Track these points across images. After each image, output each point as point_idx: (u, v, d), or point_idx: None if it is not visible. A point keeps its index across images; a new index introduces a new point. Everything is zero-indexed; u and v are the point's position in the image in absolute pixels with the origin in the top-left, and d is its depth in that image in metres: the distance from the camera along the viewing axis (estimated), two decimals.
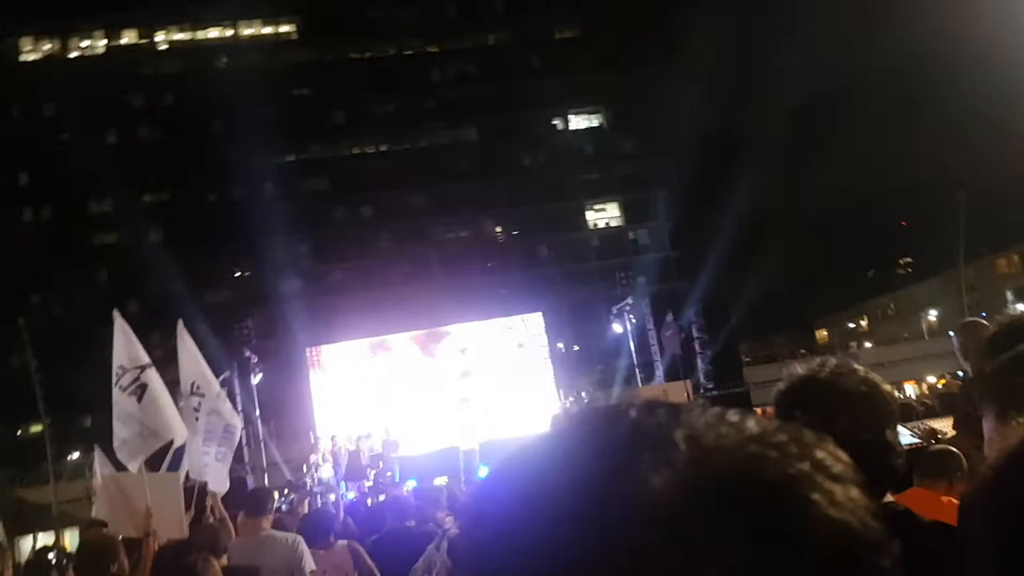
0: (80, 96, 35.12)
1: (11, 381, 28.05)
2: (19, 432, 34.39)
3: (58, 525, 20.41)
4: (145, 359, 7.09)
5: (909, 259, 51.44)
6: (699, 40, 30.09)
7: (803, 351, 40.68)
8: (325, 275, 35.93)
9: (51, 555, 6.93)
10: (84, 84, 35.35)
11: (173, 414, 7.11)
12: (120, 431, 6.93)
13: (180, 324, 8.72)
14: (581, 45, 40.21)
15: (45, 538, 20.89)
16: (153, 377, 7.09)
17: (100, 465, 9.66)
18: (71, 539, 15.88)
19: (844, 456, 0.49)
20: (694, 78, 30.42)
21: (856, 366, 1.81)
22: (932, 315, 43.56)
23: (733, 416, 0.49)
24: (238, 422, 8.54)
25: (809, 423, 0.51)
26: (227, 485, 7.75)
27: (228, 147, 33.90)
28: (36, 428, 29.05)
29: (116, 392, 6.96)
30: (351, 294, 33.39)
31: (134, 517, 6.19)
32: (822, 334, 54.97)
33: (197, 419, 8.02)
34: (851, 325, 54.07)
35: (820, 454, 0.48)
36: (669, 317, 22.16)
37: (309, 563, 5.38)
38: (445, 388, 22.00)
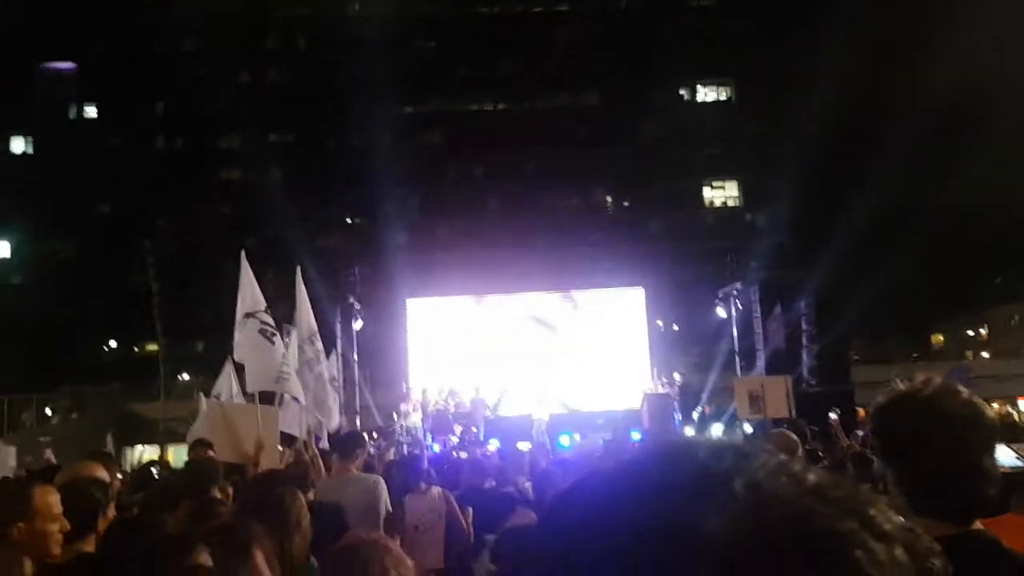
0: (218, 35, 36.39)
1: (133, 301, 29.65)
2: (135, 350, 36.49)
3: (164, 440, 21.59)
4: (263, 303, 7.37)
5: None
6: (842, 23, 28.58)
7: (916, 355, 38.84)
8: (432, 230, 36.39)
9: (154, 469, 7.27)
10: (222, 23, 36.55)
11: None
12: (253, 364, 7.26)
13: (298, 272, 8.96)
14: (717, 15, 38.87)
15: (150, 451, 22.16)
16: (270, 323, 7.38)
17: (228, 382, 10.10)
18: (174, 454, 16.76)
19: (895, 517, 0.50)
20: (832, 62, 28.96)
21: (960, 387, 1.76)
22: None
23: (796, 466, 0.51)
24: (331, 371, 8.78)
25: (905, 441, 0.52)
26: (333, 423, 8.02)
27: (351, 94, 34.55)
28: (151, 347, 30.70)
29: (249, 327, 7.27)
30: (455, 251, 33.68)
31: (238, 444, 6.51)
32: (938, 339, 52.39)
33: (312, 370, 8.29)
34: (970, 333, 51.28)
35: (871, 511, 0.49)
36: (777, 308, 21.46)
37: (386, 503, 5.65)
38: (537, 353, 22.04)
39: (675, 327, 32.49)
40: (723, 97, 41.40)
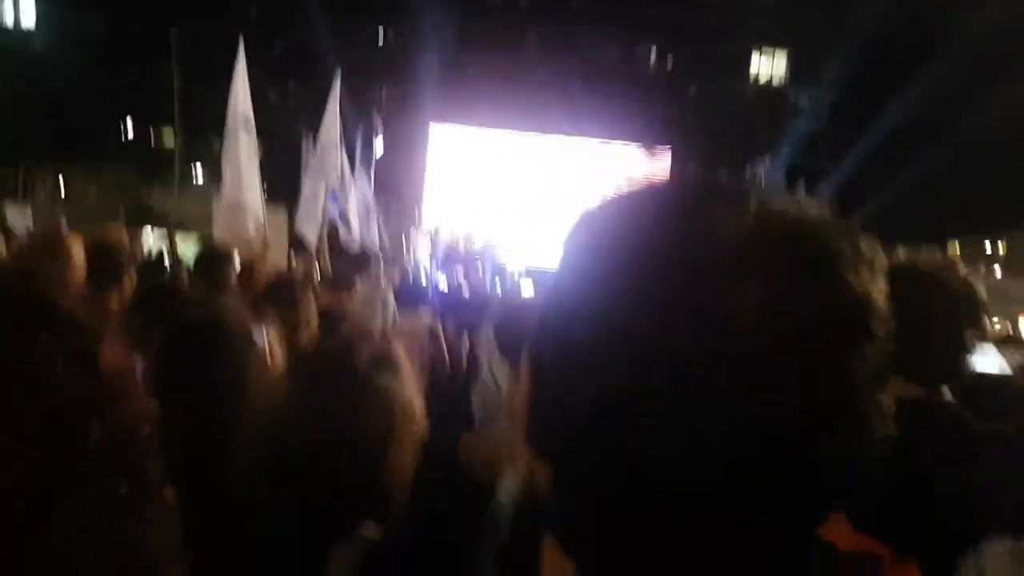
0: None
1: (157, 90, 29.19)
2: (152, 138, 36.27)
3: (174, 228, 21.79)
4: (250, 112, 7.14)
5: None
6: None
7: None
8: (466, 58, 35.23)
9: (165, 258, 7.39)
10: None
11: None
12: (246, 182, 7.13)
13: (337, 74, 8.62)
14: None
15: (159, 235, 22.38)
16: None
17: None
18: (182, 244, 16.95)
19: (883, 255, 0.61)
20: None
21: (959, 264, 1.87)
22: None
23: (806, 200, 0.61)
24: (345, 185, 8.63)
25: (900, 304, 0.61)
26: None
27: None
28: (169, 140, 30.50)
29: (241, 136, 7.10)
30: (487, 82, 32.79)
31: (248, 241, 6.55)
32: (953, 247, 52.16)
33: (339, 176, 8.16)
34: (988, 249, 50.96)
35: (864, 245, 0.60)
36: (801, 189, 21.23)
37: (392, 305, 6.05)
38: (552, 200, 21.94)
39: None
40: None
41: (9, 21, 38.50)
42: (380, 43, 37.55)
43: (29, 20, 38.51)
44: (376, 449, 1.45)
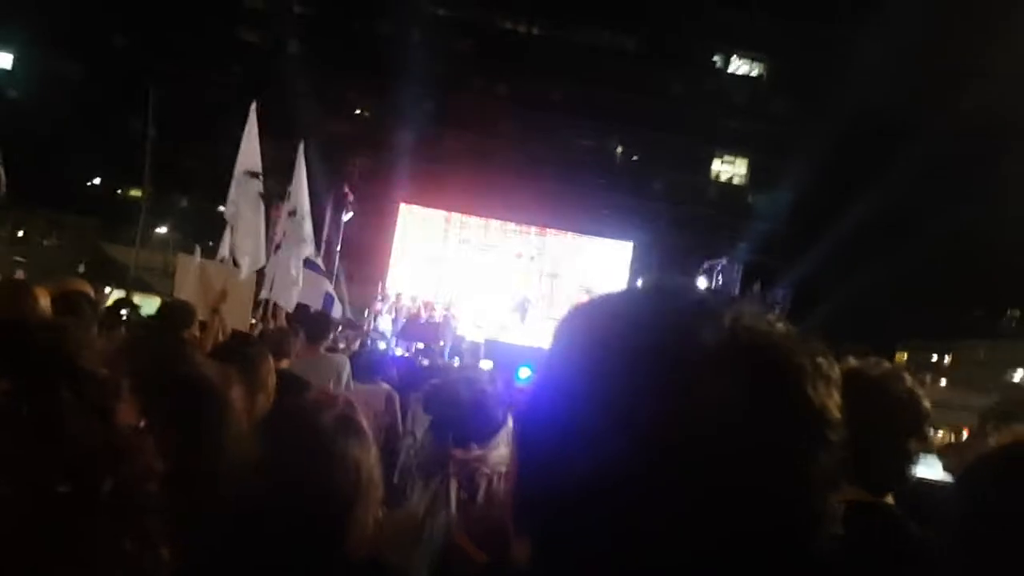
0: None
1: (127, 143, 29.13)
2: (119, 192, 36.02)
3: (133, 287, 21.51)
4: (260, 167, 7.24)
5: (1020, 312, 48.77)
6: (892, 23, 27.92)
7: None
8: (440, 138, 35.88)
9: (123, 311, 7.25)
10: None
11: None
12: (246, 226, 7.14)
13: (301, 146, 8.77)
14: None
15: (118, 295, 22.06)
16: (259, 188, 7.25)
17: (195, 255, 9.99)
18: (141, 303, 16.61)
19: (837, 370, 0.68)
20: (871, 62, 28.44)
21: (905, 375, 1.93)
22: (1019, 375, 41.60)
23: (772, 317, 0.68)
24: (310, 251, 8.64)
25: (847, 412, 0.69)
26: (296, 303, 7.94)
27: None
28: (135, 192, 30.31)
29: (250, 187, 7.15)
30: (458, 165, 33.34)
31: (209, 300, 6.49)
32: (901, 357, 53.15)
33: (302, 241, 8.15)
34: (934, 357, 52.04)
35: (822, 361, 0.67)
36: (757, 286, 21.66)
37: (348, 378, 5.83)
38: (512, 283, 22.10)
39: None
40: (754, 73, 40.78)
41: None
42: (358, 115, 38.18)
43: (4, 61, 38.54)
44: (339, 511, 1.49)
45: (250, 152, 7.45)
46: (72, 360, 1.13)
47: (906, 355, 55.62)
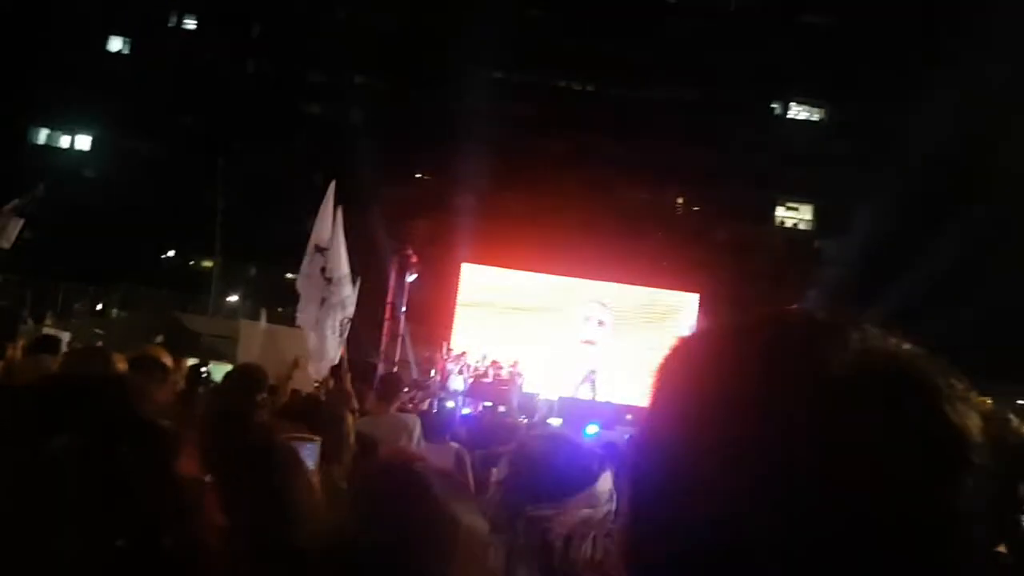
0: None
1: (199, 216, 30.20)
2: (191, 263, 37.24)
3: (206, 355, 21.99)
4: (327, 241, 7.40)
5: None
6: (959, 65, 27.41)
7: None
8: (501, 198, 36.26)
9: (203, 370, 7.43)
10: None
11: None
12: (305, 298, 7.30)
13: (339, 212, 8.85)
14: (826, 33, 37.83)
15: (193, 362, 22.58)
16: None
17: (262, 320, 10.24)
18: (213, 369, 16.96)
19: (972, 391, 0.62)
20: (940, 105, 27.87)
21: (1011, 416, 1.87)
22: None
23: (894, 335, 0.63)
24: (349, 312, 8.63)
25: None
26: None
27: (446, 51, 34.50)
28: (207, 263, 31.28)
29: (314, 261, 7.33)
30: (518, 224, 33.58)
31: (278, 365, 6.61)
32: (985, 402, 51.21)
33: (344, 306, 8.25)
34: (1021, 402, 49.92)
35: (955, 380, 0.61)
36: None
37: (419, 437, 5.78)
38: (577, 337, 21.98)
39: None
40: (814, 118, 40.47)
41: (65, 143, 40.61)
42: (418, 180, 38.97)
43: (84, 143, 40.61)
44: (441, 570, 1.42)
45: (322, 228, 7.63)
46: (134, 413, 1.10)
47: (990, 401, 53.59)
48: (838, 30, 37.36)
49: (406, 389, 15.78)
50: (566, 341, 21.79)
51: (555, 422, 12.24)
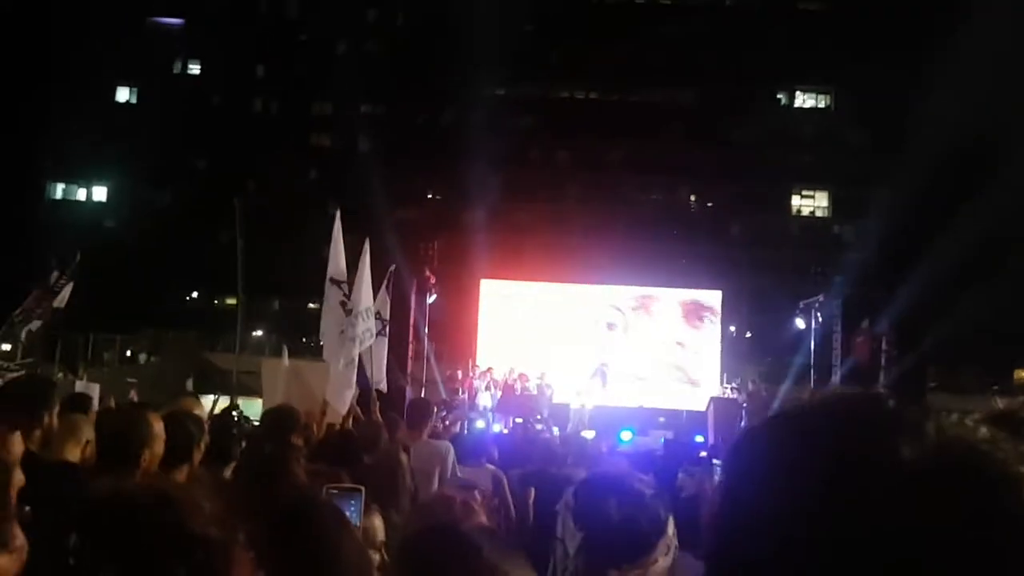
0: (321, 2, 37.04)
1: (219, 255, 30.47)
2: (216, 302, 37.58)
3: (236, 392, 22.17)
4: (344, 274, 7.45)
5: None
6: (968, 32, 27.02)
7: (996, 387, 37.25)
8: (510, 212, 36.34)
9: (235, 413, 7.49)
10: None
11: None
12: (327, 332, 7.37)
13: (366, 244, 8.77)
14: (825, 20, 37.67)
15: (223, 401, 22.77)
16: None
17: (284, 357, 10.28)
18: (244, 405, 17.11)
19: None
20: (948, 79, 27.55)
21: None
22: None
23: (971, 420, 0.63)
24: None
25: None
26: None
27: (445, 72, 34.72)
28: (231, 301, 31.54)
29: (332, 294, 7.39)
30: (532, 235, 33.65)
31: (308, 401, 6.63)
32: (1020, 375, 50.15)
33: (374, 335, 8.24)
34: None
35: None
36: (865, 323, 20.93)
37: (454, 463, 5.78)
38: (603, 344, 21.89)
39: (748, 335, 31.80)
40: (822, 104, 40.25)
41: (82, 195, 41.18)
42: (430, 200, 39.13)
43: (101, 194, 41.16)
44: None
45: (336, 260, 7.66)
46: (182, 531, 1.11)
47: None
48: (835, 14, 37.21)
49: (437, 409, 15.86)
50: (589, 347, 21.71)
51: (588, 434, 12.19)
